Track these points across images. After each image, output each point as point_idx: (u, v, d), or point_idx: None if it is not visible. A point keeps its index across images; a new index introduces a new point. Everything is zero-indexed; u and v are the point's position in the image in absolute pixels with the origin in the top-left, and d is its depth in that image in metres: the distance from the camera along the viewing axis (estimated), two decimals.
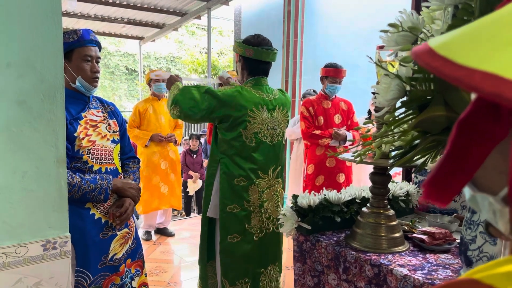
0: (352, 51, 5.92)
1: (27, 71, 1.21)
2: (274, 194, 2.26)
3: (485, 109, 0.34)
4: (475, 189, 0.39)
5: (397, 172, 3.71)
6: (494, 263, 0.33)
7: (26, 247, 1.25)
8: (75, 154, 1.68)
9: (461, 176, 0.37)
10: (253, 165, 2.16)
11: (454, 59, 0.30)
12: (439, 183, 0.37)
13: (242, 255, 2.18)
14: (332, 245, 1.51)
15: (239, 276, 2.20)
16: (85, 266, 1.70)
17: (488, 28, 0.31)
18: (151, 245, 4.19)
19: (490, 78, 0.27)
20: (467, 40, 0.31)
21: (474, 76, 0.28)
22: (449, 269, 1.31)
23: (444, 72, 0.30)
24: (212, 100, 2.06)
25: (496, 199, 0.37)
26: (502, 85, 0.27)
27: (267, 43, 2.19)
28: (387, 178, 1.48)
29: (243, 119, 2.10)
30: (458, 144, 0.35)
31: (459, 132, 0.35)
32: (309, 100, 3.75)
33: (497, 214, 0.37)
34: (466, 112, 0.35)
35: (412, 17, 0.98)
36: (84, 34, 1.73)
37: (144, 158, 4.16)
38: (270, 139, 2.21)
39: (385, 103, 1.00)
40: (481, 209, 0.40)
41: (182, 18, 7.64)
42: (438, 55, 0.31)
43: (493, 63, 0.28)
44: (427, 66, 0.32)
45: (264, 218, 2.21)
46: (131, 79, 17.35)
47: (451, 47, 0.31)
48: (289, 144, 5.66)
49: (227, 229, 2.17)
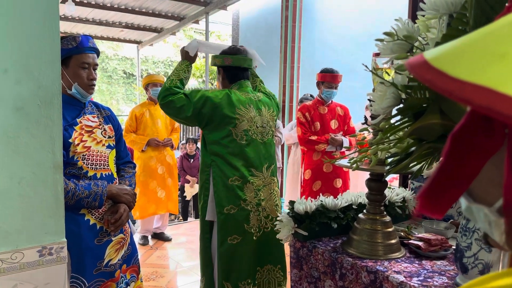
0: (349, 56, 5.95)
1: (24, 77, 1.21)
2: (271, 193, 2.25)
3: (478, 122, 0.34)
4: (470, 200, 0.39)
5: (394, 177, 3.72)
6: (490, 277, 0.33)
7: (22, 253, 1.25)
8: (70, 160, 1.68)
9: (455, 188, 0.37)
10: (245, 162, 2.16)
11: (447, 72, 0.30)
12: (434, 195, 0.37)
13: (243, 255, 2.16)
14: (329, 252, 1.51)
15: (242, 277, 2.17)
16: (80, 272, 1.69)
17: (482, 41, 0.31)
18: (147, 250, 4.17)
19: (482, 91, 0.27)
20: (461, 52, 0.31)
21: (466, 88, 0.28)
22: (445, 275, 1.31)
23: (436, 84, 0.30)
24: (202, 95, 2.13)
25: (491, 211, 0.37)
26: (493, 98, 0.27)
27: (242, 52, 2.31)
28: (383, 184, 1.48)
29: (232, 117, 2.14)
30: (452, 157, 0.35)
31: (453, 144, 0.35)
32: (305, 105, 3.76)
33: (493, 225, 0.37)
34: (460, 125, 0.35)
35: (408, 25, 0.99)
36: (83, 41, 1.72)
37: (141, 163, 4.15)
38: (261, 137, 2.24)
39: (380, 111, 1.00)
40: (477, 220, 0.40)
41: (180, 22, 7.66)
42: (432, 67, 0.31)
43: (485, 76, 0.28)
44: (421, 78, 0.32)
45: (263, 217, 2.20)
46: (129, 83, 17.34)
47: (445, 59, 0.31)
48: (287, 149, 5.66)
49: (226, 231, 2.15)
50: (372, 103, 1.06)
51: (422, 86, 0.94)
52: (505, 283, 0.31)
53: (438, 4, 0.91)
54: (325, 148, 3.60)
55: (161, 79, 4.33)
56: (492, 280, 0.32)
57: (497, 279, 0.32)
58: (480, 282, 0.33)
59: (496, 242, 0.39)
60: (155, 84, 4.23)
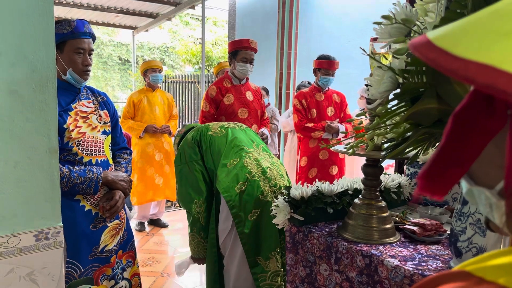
0: (346, 43, 5.91)
1: (19, 60, 1.20)
2: (272, 163, 2.20)
3: (481, 102, 0.34)
4: (471, 183, 0.39)
5: (389, 164, 3.74)
6: (487, 256, 0.33)
7: (18, 237, 1.25)
8: (65, 146, 1.67)
9: (456, 169, 0.37)
10: (236, 143, 2.19)
11: (451, 51, 0.30)
12: (434, 175, 0.37)
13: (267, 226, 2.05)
14: (324, 236, 1.52)
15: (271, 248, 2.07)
16: (76, 257, 1.70)
17: (486, 20, 0.31)
18: (144, 236, 4.20)
19: (485, 69, 0.27)
20: (464, 31, 0.31)
21: (470, 67, 0.28)
22: (439, 260, 1.32)
23: (440, 63, 0.30)
24: None
25: (492, 193, 0.37)
26: (497, 76, 0.26)
27: None
28: (379, 170, 1.49)
29: None
30: (453, 137, 0.35)
31: (454, 124, 0.35)
32: (302, 92, 3.75)
33: (493, 208, 0.37)
34: (462, 104, 0.35)
35: (406, 9, 0.99)
36: (78, 25, 1.69)
37: (138, 150, 4.15)
38: (239, 126, 2.33)
39: (377, 95, 1.00)
40: (478, 203, 0.40)
41: (176, 8, 7.56)
42: (435, 47, 0.31)
43: (488, 54, 0.28)
44: (424, 58, 0.32)
45: (272, 186, 2.11)
46: (124, 69, 17.20)
47: (449, 39, 0.31)
48: (283, 136, 5.66)
49: (244, 210, 2.04)
50: (369, 88, 1.06)
51: (419, 70, 0.93)
52: (502, 261, 0.31)
53: None
54: (322, 135, 3.60)
55: (159, 65, 4.30)
56: (488, 259, 0.32)
57: (493, 259, 0.32)
58: (477, 261, 0.33)
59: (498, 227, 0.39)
60: (154, 69, 4.21)
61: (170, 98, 4.50)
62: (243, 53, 3.18)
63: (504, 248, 0.39)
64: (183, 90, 9.79)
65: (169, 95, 4.55)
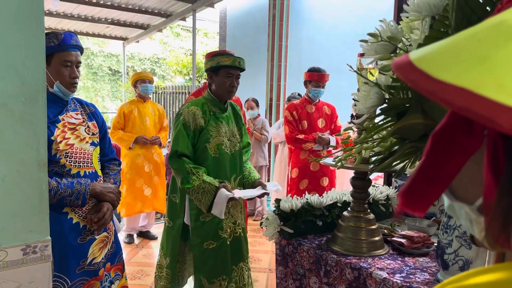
0: (336, 55, 5.98)
1: (8, 73, 1.20)
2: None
3: (459, 122, 0.35)
4: (452, 198, 0.40)
5: (379, 176, 3.76)
6: (465, 275, 0.34)
7: (5, 252, 1.24)
8: (52, 158, 1.66)
9: (436, 186, 0.37)
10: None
11: (430, 73, 0.30)
12: (414, 193, 0.38)
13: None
14: (314, 249, 1.53)
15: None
16: (63, 271, 1.67)
17: (464, 43, 0.32)
18: (133, 248, 4.15)
19: (462, 93, 0.28)
20: (444, 54, 0.32)
21: (448, 90, 0.29)
22: (426, 272, 1.34)
23: (419, 85, 0.31)
24: None
25: (472, 209, 0.38)
26: (473, 100, 0.27)
27: None
28: (367, 182, 1.51)
29: None
30: (433, 155, 0.36)
31: (434, 143, 0.36)
32: (293, 104, 3.78)
33: (473, 223, 0.38)
34: (441, 124, 0.36)
35: (391, 27, 1.01)
36: (66, 38, 1.70)
37: (128, 161, 4.12)
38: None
39: (364, 110, 1.02)
40: (459, 217, 0.41)
41: (167, 19, 7.60)
42: (416, 68, 0.32)
43: (466, 78, 0.28)
44: (405, 78, 0.33)
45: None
46: (115, 80, 17.15)
47: (429, 61, 0.32)
48: (274, 147, 5.68)
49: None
50: (356, 103, 1.08)
51: (405, 86, 0.96)
52: (480, 280, 0.32)
53: (421, 6, 0.93)
54: (312, 146, 3.62)
55: (150, 76, 4.30)
56: (469, 277, 0.33)
57: (470, 278, 0.33)
58: (455, 280, 0.34)
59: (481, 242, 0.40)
60: (144, 80, 4.20)
61: (161, 109, 4.50)
62: None
63: (488, 262, 0.40)
64: (173, 101, 9.79)
65: (160, 106, 4.54)
